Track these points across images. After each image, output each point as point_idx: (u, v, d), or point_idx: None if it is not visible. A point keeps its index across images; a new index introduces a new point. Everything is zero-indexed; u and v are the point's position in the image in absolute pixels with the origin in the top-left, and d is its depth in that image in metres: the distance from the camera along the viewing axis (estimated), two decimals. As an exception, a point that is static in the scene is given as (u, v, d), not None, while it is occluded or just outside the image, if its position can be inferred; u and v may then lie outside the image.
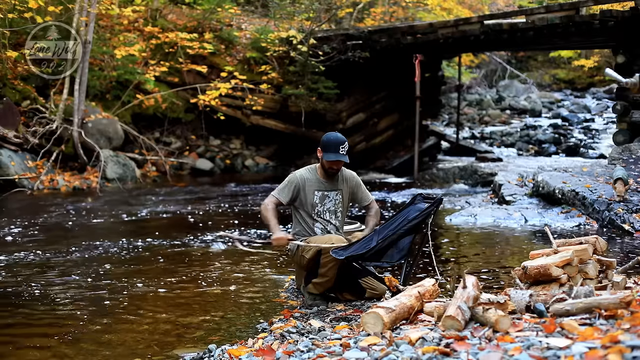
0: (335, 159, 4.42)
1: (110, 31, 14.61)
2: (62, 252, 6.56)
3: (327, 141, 4.45)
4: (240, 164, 14.82)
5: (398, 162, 14.95)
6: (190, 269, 5.84)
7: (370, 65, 13.82)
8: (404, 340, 2.87)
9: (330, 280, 4.33)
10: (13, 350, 3.84)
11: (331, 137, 4.49)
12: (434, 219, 4.44)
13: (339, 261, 4.17)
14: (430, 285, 3.58)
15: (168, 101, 14.18)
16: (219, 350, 3.53)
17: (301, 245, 4.33)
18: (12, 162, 11.26)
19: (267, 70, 14.33)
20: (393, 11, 20.50)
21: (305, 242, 4.33)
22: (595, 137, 18.66)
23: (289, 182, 4.52)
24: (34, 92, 12.74)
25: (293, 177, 4.54)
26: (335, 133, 4.58)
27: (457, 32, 13.07)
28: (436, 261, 4.49)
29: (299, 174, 4.55)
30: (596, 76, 26.81)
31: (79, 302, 4.81)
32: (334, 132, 4.61)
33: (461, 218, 8.08)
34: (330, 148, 4.42)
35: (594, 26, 11.51)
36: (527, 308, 3.12)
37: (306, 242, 4.34)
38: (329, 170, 4.49)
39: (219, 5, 15.42)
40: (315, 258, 4.27)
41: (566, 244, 3.83)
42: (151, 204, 10.04)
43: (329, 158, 4.43)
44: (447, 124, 21.53)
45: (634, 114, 11.17)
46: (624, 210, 6.95)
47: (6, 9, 11.55)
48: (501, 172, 11.05)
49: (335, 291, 4.47)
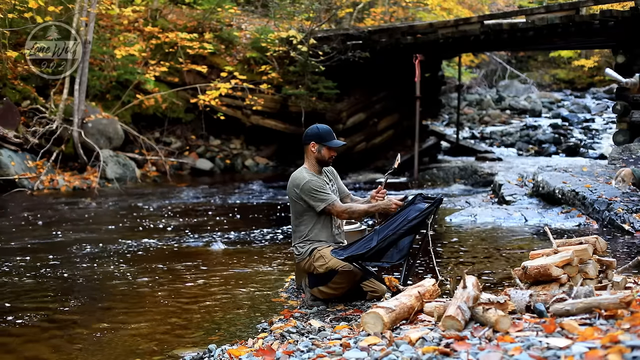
0: (342, 143, 4.46)
1: (110, 31, 14.62)
2: (61, 252, 6.56)
3: (323, 131, 4.39)
4: (240, 164, 14.82)
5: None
6: (190, 268, 5.84)
7: (370, 65, 13.82)
8: (404, 340, 2.87)
9: (338, 295, 4.35)
10: (13, 350, 3.84)
11: (322, 127, 4.43)
12: (434, 219, 4.43)
13: (354, 281, 4.24)
14: (430, 285, 3.58)
15: (168, 101, 14.19)
16: (219, 350, 3.52)
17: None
18: (12, 162, 11.26)
19: (267, 70, 14.33)
20: (393, 11, 20.50)
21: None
22: (595, 137, 18.66)
23: (315, 186, 4.28)
24: (34, 92, 12.74)
25: (309, 180, 4.29)
26: (318, 124, 4.52)
27: (457, 32, 13.07)
28: (436, 261, 4.49)
29: (308, 176, 4.34)
30: (596, 76, 26.82)
31: (78, 302, 4.81)
32: (316, 124, 4.52)
33: (461, 218, 8.08)
34: (330, 136, 4.40)
35: (594, 26, 11.51)
36: (527, 308, 3.12)
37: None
38: (329, 160, 4.42)
39: (219, 5, 15.42)
40: (329, 272, 4.26)
41: (566, 244, 3.83)
42: (151, 203, 10.03)
43: (336, 144, 4.38)
44: (447, 124, 21.53)
45: (634, 114, 11.17)
46: (624, 210, 6.95)
47: (6, 9, 11.56)
48: (501, 172, 11.06)
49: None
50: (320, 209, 4.29)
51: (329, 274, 4.26)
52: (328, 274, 4.26)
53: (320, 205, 4.27)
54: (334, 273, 4.24)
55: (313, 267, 4.31)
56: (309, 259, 4.32)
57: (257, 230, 7.68)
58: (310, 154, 4.42)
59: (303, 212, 4.37)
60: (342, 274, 4.23)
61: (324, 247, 4.32)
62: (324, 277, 4.30)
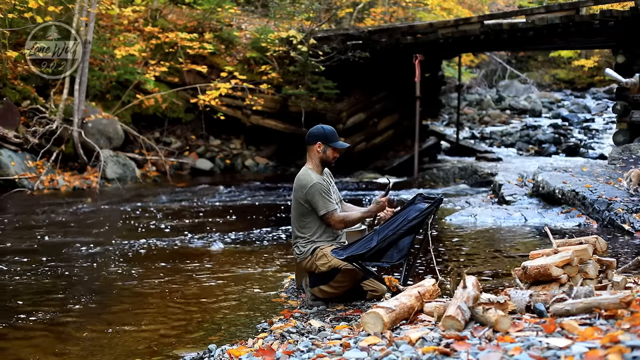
0: (347, 145, 4.53)
1: (110, 31, 14.61)
2: (61, 252, 6.56)
3: (329, 132, 4.43)
4: (240, 164, 14.82)
5: (398, 162, 14.95)
6: (190, 269, 5.84)
7: (370, 65, 13.82)
8: (404, 340, 2.87)
9: (339, 294, 4.36)
10: (12, 350, 3.84)
11: (328, 128, 4.47)
12: (434, 219, 4.43)
13: (355, 279, 4.27)
14: (430, 285, 3.58)
15: (168, 101, 14.19)
16: (219, 350, 3.53)
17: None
18: (12, 162, 11.26)
19: (267, 70, 14.33)
20: (393, 11, 20.50)
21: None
22: (595, 137, 18.67)
23: (322, 190, 4.29)
24: (34, 92, 12.74)
25: (316, 183, 4.30)
26: (323, 124, 4.56)
27: (457, 32, 13.07)
28: (436, 261, 4.49)
29: (315, 178, 4.34)
30: (596, 76, 26.82)
31: (78, 302, 4.81)
32: (321, 125, 4.55)
33: (461, 218, 8.08)
34: (335, 137, 4.45)
35: (594, 26, 11.51)
36: (527, 308, 3.12)
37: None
38: (332, 160, 4.47)
39: (219, 5, 15.42)
40: (331, 271, 4.27)
41: (566, 244, 3.83)
42: (151, 204, 10.03)
43: (341, 146, 4.43)
44: (447, 124, 21.53)
45: (634, 114, 11.17)
46: (624, 210, 6.95)
47: (6, 9, 11.56)
48: (501, 172, 11.06)
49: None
50: (320, 214, 4.32)
51: (331, 272, 4.27)
52: (330, 272, 4.27)
53: (321, 210, 4.30)
54: (336, 272, 4.25)
55: (315, 266, 4.32)
56: (311, 257, 4.33)
57: (257, 230, 7.68)
58: (315, 154, 4.44)
59: (307, 213, 4.38)
60: (345, 272, 4.24)
61: (326, 246, 4.34)
62: (326, 276, 4.30)
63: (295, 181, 4.44)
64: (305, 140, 4.48)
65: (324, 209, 4.29)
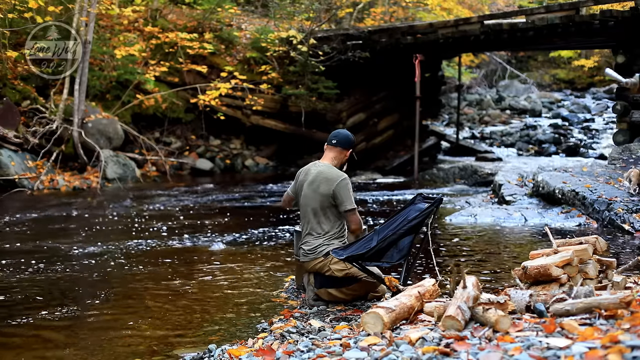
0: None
1: (110, 31, 14.62)
2: (61, 252, 6.56)
3: (353, 139, 4.61)
4: (240, 164, 14.82)
5: (398, 162, 14.95)
6: (190, 269, 5.84)
7: (370, 65, 13.82)
8: (404, 340, 2.87)
9: (348, 300, 4.36)
10: (12, 350, 3.84)
11: (350, 135, 4.60)
12: (434, 219, 4.43)
13: (370, 291, 4.33)
14: (430, 285, 3.58)
15: (168, 101, 14.19)
16: (219, 350, 3.52)
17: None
18: (12, 162, 11.26)
19: (267, 70, 14.33)
20: (393, 11, 20.50)
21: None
22: (595, 137, 18.66)
23: (350, 186, 4.40)
24: (34, 92, 12.74)
25: (347, 177, 4.41)
26: (347, 131, 4.70)
27: (457, 32, 13.07)
28: (436, 261, 4.49)
29: (344, 173, 4.44)
30: (596, 76, 26.81)
31: (78, 302, 4.81)
32: (346, 131, 4.69)
33: (461, 218, 8.08)
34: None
35: (594, 26, 11.51)
36: (527, 308, 3.12)
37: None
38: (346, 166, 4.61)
39: (219, 5, 15.42)
40: (347, 278, 4.27)
41: (566, 244, 3.83)
42: (151, 204, 10.03)
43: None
44: (447, 124, 21.53)
45: (634, 114, 11.17)
46: (624, 210, 6.95)
47: (6, 9, 11.56)
48: (501, 172, 11.05)
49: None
50: (347, 209, 4.30)
51: (347, 279, 4.27)
52: (345, 279, 4.27)
53: (349, 205, 4.29)
54: (352, 280, 4.25)
55: (328, 269, 4.28)
56: (324, 260, 4.29)
57: (257, 231, 7.67)
58: (341, 159, 4.55)
59: (327, 207, 4.33)
60: (364, 283, 4.27)
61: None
62: (339, 281, 4.29)
63: (317, 174, 4.38)
64: (337, 143, 4.51)
65: (351, 205, 4.31)
